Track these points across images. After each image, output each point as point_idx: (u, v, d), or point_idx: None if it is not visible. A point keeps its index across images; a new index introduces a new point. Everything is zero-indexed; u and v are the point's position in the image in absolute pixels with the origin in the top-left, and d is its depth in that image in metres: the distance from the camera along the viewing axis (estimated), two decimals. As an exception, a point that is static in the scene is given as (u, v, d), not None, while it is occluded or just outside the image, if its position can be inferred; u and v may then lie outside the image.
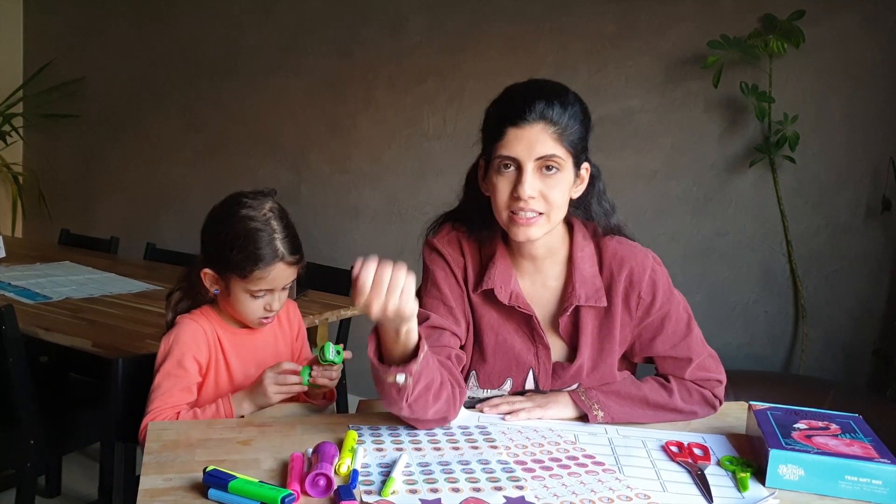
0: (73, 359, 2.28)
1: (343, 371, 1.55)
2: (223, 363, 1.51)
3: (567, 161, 1.26)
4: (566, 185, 1.27)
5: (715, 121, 2.80)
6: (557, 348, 1.40)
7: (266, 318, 1.52)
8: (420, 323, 1.19)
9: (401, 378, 1.12)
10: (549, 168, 1.25)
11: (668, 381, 1.39)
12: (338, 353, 1.46)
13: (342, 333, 2.79)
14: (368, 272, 1.06)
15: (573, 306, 1.35)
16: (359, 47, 3.48)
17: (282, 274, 1.47)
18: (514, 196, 1.24)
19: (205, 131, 3.97)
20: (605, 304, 1.36)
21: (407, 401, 1.16)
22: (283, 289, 1.51)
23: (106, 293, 2.54)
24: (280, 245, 1.45)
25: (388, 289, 1.06)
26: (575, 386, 1.39)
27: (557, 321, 1.37)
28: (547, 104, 1.23)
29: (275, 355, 1.57)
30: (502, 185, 1.26)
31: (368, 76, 3.46)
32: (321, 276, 2.76)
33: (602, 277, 1.37)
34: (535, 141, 1.23)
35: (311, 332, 2.48)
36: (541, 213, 1.26)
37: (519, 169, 1.24)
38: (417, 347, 1.13)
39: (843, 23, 2.59)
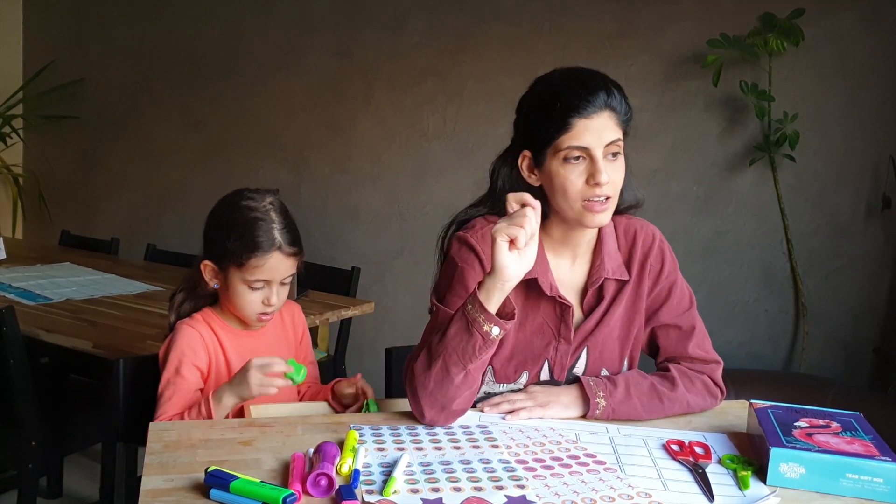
0: (74, 360, 2.28)
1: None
2: (224, 365, 1.51)
3: (623, 143, 1.31)
4: (624, 166, 1.32)
5: (715, 120, 2.80)
6: (577, 318, 1.41)
7: (264, 313, 1.50)
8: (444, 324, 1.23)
9: (496, 330, 1.17)
10: (614, 154, 1.29)
11: (668, 371, 1.40)
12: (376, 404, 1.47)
13: (342, 333, 2.79)
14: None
15: (602, 279, 1.39)
16: (359, 48, 3.48)
17: (279, 265, 1.46)
18: (592, 184, 1.27)
19: (205, 132, 3.97)
20: (627, 277, 1.40)
21: (473, 363, 1.20)
22: (283, 284, 1.50)
23: (106, 294, 2.55)
24: (278, 235, 1.45)
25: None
26: (584, 354, 1.40)
27: (584, 295, 1.41)
28: (607, 93, 1.29)
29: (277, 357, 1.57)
30: (574, 177, 1.28)
31: (368, 76, 3.46)
32: (321, 276, 2.76)
33: (620, 252, 1.42)
34: (602, 128, 1.27)
35: (312, 333, 2.48)
36: (609, 198, 1.29)
37: (590, 158, 1.27)
38: (509, 313, 1.19)
39: (842, 21, 2.59)
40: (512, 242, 1.14)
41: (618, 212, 1.41)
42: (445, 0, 3.26)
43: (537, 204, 1.15)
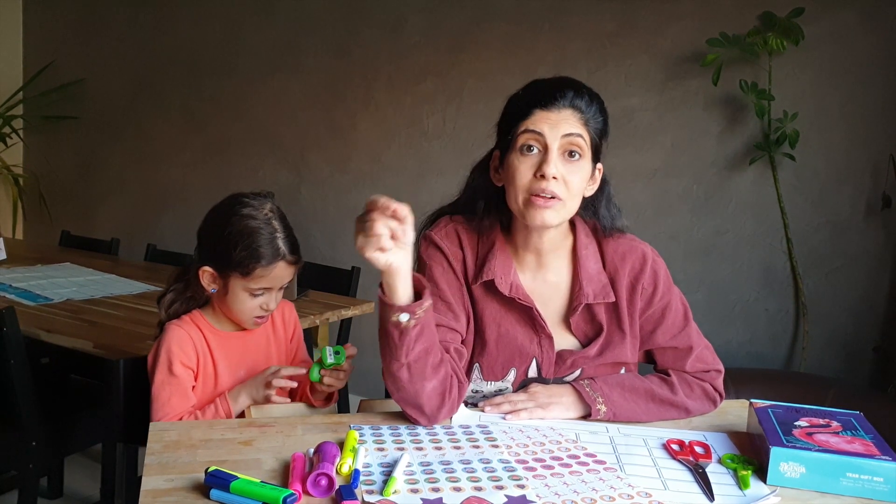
0: (75, 360, 2.28)
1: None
2: (211, 367, 1.52)
3: (588, 150, 1.29)
4: (585, 174, 1.30)
5: (715, 119, 2.80)
6: (568, 343, 1.40)
7: (261, 317, 1.53)
8: None
9: (403, 317, 1.15)
10: (572, 154, 1.27)
11: (668, 375, 1.40)
12: (337, 353, 1.47)
13: (342, 334, 2.79)
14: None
15: (582, 305, 1.36)
16: (358, 47, 3.48)
17: (282, 273, 1.49)
18: (539, 175, 1.26)
19: (205, 132, 3.97)
20: (612, 299, 1.38)
21: (407, 356, 1.18)
22: (280, 289, 1.53)
23: (107, 294, 2.55)
24: (281, 244, 1.48)
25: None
26: (578, 372, 1.39)
27: (568, 320, 1.39)
28: (576, 94, 1.27)
29: (266, 357, 1.58)
30: (524, 167, 1.27)
31: (368, 76, 3.46)
32: (321, 276, 2.76)
33: (606, 273, 1.39)
34: (561, 120, 1.26)
35: (313, 333, 2.48)
36: (559, 199, 1.27)
37: (544, 150, 1.26)
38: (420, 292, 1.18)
39: (842, 19, 2.59)
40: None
41: (606, 232, 1.41)
42: (444, 0, 3.26)
43: (385, 200, 1.10)
